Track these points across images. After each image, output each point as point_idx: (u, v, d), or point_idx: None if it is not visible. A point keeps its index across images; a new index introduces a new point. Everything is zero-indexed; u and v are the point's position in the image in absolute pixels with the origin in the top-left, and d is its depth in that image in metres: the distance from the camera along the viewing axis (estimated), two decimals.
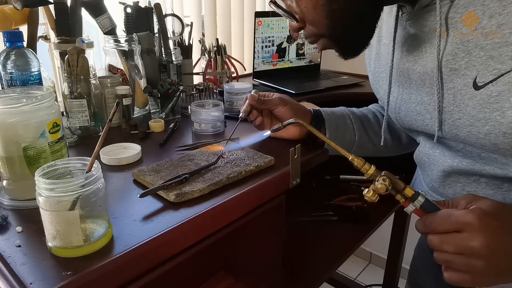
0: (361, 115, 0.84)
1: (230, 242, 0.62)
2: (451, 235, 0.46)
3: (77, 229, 0.44)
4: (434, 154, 0.63)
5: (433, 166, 0.64)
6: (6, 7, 0.81)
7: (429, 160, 0.65)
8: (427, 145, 0.65)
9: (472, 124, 0.52)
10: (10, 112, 0.52)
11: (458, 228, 0.45)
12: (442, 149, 0.62)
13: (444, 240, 0.46)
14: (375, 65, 0.73)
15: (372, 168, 0.52)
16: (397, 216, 1.47)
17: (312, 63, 1.57)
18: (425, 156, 0.66)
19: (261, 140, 0.72)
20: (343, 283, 1.77)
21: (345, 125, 0.81)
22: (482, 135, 0.51)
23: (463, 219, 0.45)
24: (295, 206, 1.18)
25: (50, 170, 0.46)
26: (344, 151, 0.54)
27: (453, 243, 0.46)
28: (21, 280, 0.41)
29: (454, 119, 0.54)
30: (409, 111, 0.63)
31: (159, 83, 0.95)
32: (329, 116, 0.80)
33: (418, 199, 0.50)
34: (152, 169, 0.64)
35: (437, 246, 0.47)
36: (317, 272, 0.95)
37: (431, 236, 0.48)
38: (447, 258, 0.47)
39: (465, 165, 0.58)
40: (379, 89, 0.73)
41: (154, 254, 0.48)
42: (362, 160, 0.52)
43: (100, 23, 0.91)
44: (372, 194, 0.51)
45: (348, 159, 0.53)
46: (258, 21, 1.35)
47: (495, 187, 0.57)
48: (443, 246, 0.46)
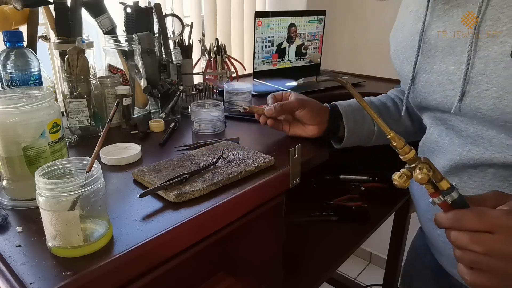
0: (379, 104, 0.83)
1: (230, 242, 0.62)
2: (483, 234, 0.42)
3: (77, 229, 0.44)
4: (443, 142, 0.61)
5: (441, 154, 0.62)
6: (6, 7, 0.81)
7: (437, 148, 0.63)
8: (435, 131, 0.63)
9: (500, 97, 0.49)
10: (10, 112, 0.52)
11: (491, 229, 0.42)
12: (451, 136, 0.60)
13: (474, 239, 0.42)
14: (399, 35, 0.70)
15: (412, 151, 0.46)
16: (397, 216, 1.47)
17: (312, 63, 1.57)
18: (433, 144, 0.64)
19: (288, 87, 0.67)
20: (343, 283, 1.77)
21: (363, 116, 0.79)
22: (510, 109, 0.49)
23: (500, 221, 0.41)
24: (295, 206, 1.18)
25: (50, 170, 0.46)
26: (385, 125, 0.48)
27: (484, 244, 0.42)
28: (21, 280, 0.41)
29: (480, 90, 0.51)
30: (428, 81, 0.60)
31: (159, 83, 0.95)
32: (346, 110, 0.79)
33: (452, 194, 0.45)
34: (152, 169, 0.64)
35: (464, 244, 0.43)
36: (317, 272, 0.95)
37: (457, 233, 0.44)
38: (473, 258, 0.43)
39: (475, 154, 0.55)
40: (396, 60, 0.70)
41: (154, 254, 0.48)
42: (403, 140, 0.46)
43: (100, 23, 0.91)
44: (404, 181, 0.45)
45: (388, 136, 0.47)
46: (258, 21, 1.35)
47: (502, 179, 0.55)
48: (472, 245, 0.42)
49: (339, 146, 0.81)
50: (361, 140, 0.81)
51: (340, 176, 1.31)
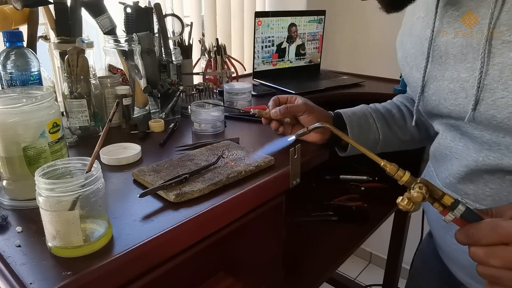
0: (385, 111, 0.81)
1: (230, 242, 0.62)
2: (498, 247, 0.41)
3: (77, 229, 0.44)
4: (457, 147, 0.59)
5: (454, 160, 0.59)
6: (6, 7, 0.81)
7: (451, 153, 0.60)
8: (448, 136, 0.61)
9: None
10: (10, 112, 0.52)
11: (506, 241, 0.41)
12: (466, 141, 0.57)
13: (490, 253, 0.42)
14: (406, 41, 0.68)
15: (406, 174, 0.47)
16: (397, 216, 1.47)
17: (312, 63, 1.57)
18: (446, 149, 0.61)
19: (286, 146, 0.69)
20: (343, 283, 1.77)
21: (368, 124, 0.78)
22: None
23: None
24: (295, 206, 1.18)
25: (50, 170, 0.46)
26: (376, 156, 0.50)
27: (501, 257, 0.41)
28: (21, 280, 0.41)
29: (496, 98, 0.49)
30: (439, 89, 0.59)
31: (159, 83, 0.95)
32: (350, 118, 0.78)
33: (459, 208, 0.45)
34: (152, 169, 0.64)
35: (482, 259, 0.42)
36: (317, 272, 0.95)
37: (474, 248, 0.43)
38: (493, 274, 0.42)
39: (491, 160, 0.53)
40: (405, 66, 0.68)
41: (154, 254, 0.48)
42: (395, 166, 0.48)
43: (100, 23, 0.91)
44: (407, 203, 0.46)
45: (380, 165, 0.49)
46: (258, 21, 1.35)
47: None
48: (489, 260, 0.42)
49: (344, 154, 0.80)
50: (366, 148, 0.80)
51: (340, 176, 1.31)
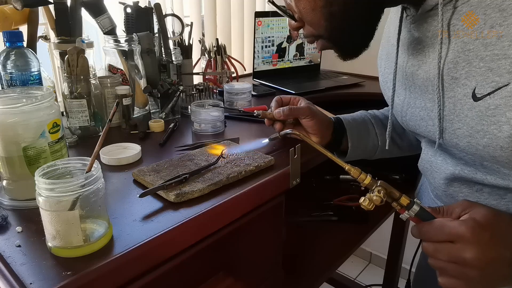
0: (383, 118, 0.83)
1: (230, 242, 0.62)
2: (445, 244, 0.48)
3: (77, 229, 0.44)
4: (436, 161, 0.62)
5: (435, 173, 0.63)
6: (6, 7, 0.81)
7: (431, 167, 0.64)
8: (429, 152, 0.64)
9: (471, 135, 0.51)
10: (10, 112, 0.52)
11: (451, 239, 0.47)
12: (444, 156, 0.61)
13: (437, 249, 0.48)
14: (384, 65, 0.72)
15: (368, 178, 0.52)
16: (397, 216, 1.47)
17: (312, 63, 1.57)
18: (427, 164, 0.65)
19: (260, 147, 0.72)
20: (343, 283, 1.77)
21: (367, 131, 0.79)
22: (481, 147, 0.50)
23: (456, 231, 0.46)
24: (295, 206, 1.18)
25: (50, 170, 0.46)
26: (340, 161, 0.55)
27: (446, 253, 0.47)
28: (21, 280, 0.41)
29: (455, 128, 0.53)
30: (413, 115, 0.62)
31: (159, 83, 0.95)
32: (350, 124, 0.78)
33: (413, 208, 0.51)
34: (152, 169, 0.64)
35: (432, 254, 0.49)
36: (317, 272, 0.95)
37: (426, 244, 0.50)
38: (441, 266, 0.49)
39: (467, 173, 0.57)
40: (386, 90, 0.72)
41: (154, 254, 0.48)
42: (358, 170, 0.53)
43: (100, 23, 0.91)
44: (368, 203, 0.52)
45: (344, 169, 0.54)
46: (258, 21, 1.35)
47: (498, 197, 0.56)
48: (437, 254, 0.48)
49: (344, 160, 0.80)
50: (365, 154, 0.81)
51: (340, 176, 1.31)
